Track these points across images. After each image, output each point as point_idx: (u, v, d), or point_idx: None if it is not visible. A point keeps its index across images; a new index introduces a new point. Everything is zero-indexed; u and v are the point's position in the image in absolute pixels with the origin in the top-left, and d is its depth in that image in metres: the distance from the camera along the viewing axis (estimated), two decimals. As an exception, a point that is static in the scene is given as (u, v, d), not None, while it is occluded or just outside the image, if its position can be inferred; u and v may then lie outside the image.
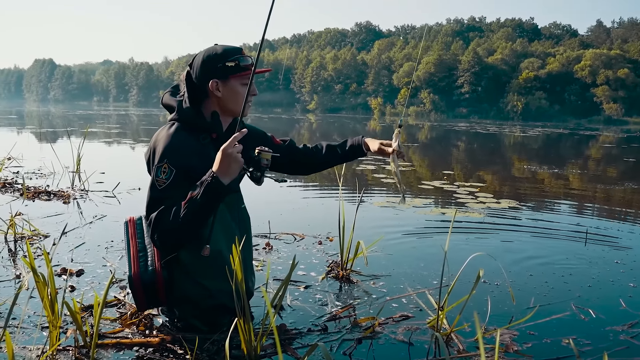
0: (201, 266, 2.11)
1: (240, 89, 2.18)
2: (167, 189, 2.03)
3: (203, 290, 2.13)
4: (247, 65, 2.17)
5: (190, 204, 1.96)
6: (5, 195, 5.40)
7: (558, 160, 13.41)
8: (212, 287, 2.13)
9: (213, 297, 2.15)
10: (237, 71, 2.14)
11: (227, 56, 2.15)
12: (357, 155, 2.63)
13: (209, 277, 2.13)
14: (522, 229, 4.72)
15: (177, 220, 1.97)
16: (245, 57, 2.19)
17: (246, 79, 2.16)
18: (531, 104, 54.82)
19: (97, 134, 16.63)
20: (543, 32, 75.80)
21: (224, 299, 2.13)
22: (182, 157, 2.06)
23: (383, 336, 2.33)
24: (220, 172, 1.97)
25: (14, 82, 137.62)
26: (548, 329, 2.46)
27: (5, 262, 3.22)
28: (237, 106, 2.18)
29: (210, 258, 2.03)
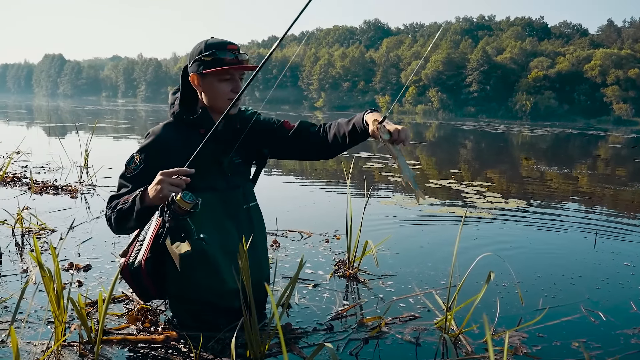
0: (188, 263, 2.10)
1: (218, 85, 2.14)
2: (130, 179, 2.13)
3: (188, 286, 2.14)
4: (224, 60, 2.10)
5: (122, 205, 2.04)
6: (13, 189, 5.42)
7: (567, 160, 13.31)
8: (198, 284, 2.13)
9: (199, 294, 2.15)
10: (213, 66, 2.10)
11: (206, 50, 2.12)
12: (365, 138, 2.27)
13: (195, 273, 2.12)
14: (531, 229, 4.68)
15: (113, 213, 2.07)
16: (225, 51, 2.11)
17: (225, 75, 2.12)
18: (540, 103, 54.45)
19: (105, 129, 16.69)
20: (553, 31, 75.23)
21: (209, 296, 2.14)
22: (156, 158, 2.11)
23: (390, 336, 2.31)
24: (150, 192, 1.96)
25: (24, 76, 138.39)
26: (557, 331, 2.43)
27: (13, 257, 3.22)
28: (217, 102, 2.18)
29: (196, 255, 2.03)
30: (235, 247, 2.14)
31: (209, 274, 2.13)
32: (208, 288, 2.14)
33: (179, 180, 1.93)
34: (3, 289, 2.67)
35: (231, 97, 2.14)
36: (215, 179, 2.20)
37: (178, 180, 1.93)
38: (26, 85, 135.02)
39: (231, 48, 2.12)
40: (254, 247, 2.12)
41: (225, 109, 2.14)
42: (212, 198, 2.18)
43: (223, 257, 2.15)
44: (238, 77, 2.17)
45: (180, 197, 1.88)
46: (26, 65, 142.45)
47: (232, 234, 2.20)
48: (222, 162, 2.19)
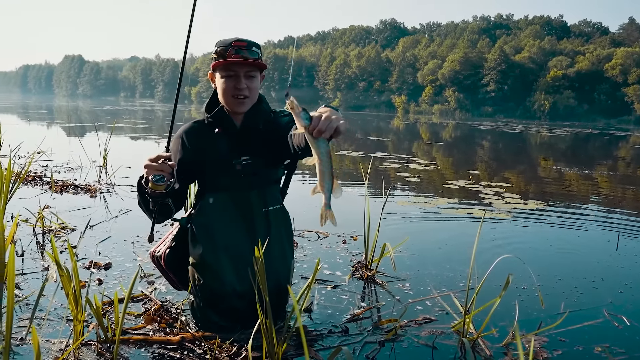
0: (196, 259, 2.19)
1: (222, 81, 2.13)
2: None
3: (194, 283, 2.21)
4: (225, 56, 2.09)
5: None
6: (34, 188, 5.50)
7: (587, 160, 13.11)
8: (200, 282, 2.18)
9: (203, 292, 2.19)
10: (216, 61, 2.11)
11: (216, 46, 2.14)
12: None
13: (198, 272, 2.19)
14: (550, 231, 4.61)
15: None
16: (228, 48, 2.08)
17: (227, 71, 2.10)
18: (559, 103, 53.68)
19: (123, 129, 16.86)
20: (572, 29, 74.13)
21: (209, 295, 2.17)
22: (175, 151, 2.21)
23: (406, 339, 2.28)
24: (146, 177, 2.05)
25: (44, 77, 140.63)
26: (579, 335, 2.38)
27: (34, 255, 3.27)
28: (224, 99, 2.17)
29: (203, 253, 2.15)
30: (242, 249, 2.15)
31: (209, 273, 2.16)
32: (208, 287, 2.17)
33: (162, 165, 2.00)
34: (25, 287, 2.71)
35: (235, 95, 2.11)
36: (228, 179, 2.19)
37: (161, 165, 2.00)
38: (46, 85, 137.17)
39: (236, 45, 2.09)
40: (267, 252, 2.09)
41: (233, 107, 2.15)
42: (224, 198, 2.19)
43: (226, 258, 2.16)
44: (243, 75, 2.10)
45: (151, 179, 1.99)
46: (47, 67, 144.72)
47: (241, 236, 2.19)
48: (233, 163, 2.17)
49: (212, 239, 2.17)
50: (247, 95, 2.13)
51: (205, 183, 2.24)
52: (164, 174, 1.99)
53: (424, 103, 61.52)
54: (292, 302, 2.35)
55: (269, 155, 2.21)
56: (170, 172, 2.02)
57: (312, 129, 1.63)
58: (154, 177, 1.98)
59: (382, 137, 18.11)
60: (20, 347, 2.06)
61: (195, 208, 2.25)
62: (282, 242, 2.29)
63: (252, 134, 2.19)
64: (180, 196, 2.24)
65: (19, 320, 2.29)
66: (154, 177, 1.98)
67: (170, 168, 2.01)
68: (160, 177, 1.98)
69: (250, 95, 2.15)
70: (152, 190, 2.01)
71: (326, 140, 1.64)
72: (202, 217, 2.20)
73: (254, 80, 2.15)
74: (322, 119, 1.63)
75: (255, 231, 2.19)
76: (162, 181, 1.98)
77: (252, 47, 2.12)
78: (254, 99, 2.18)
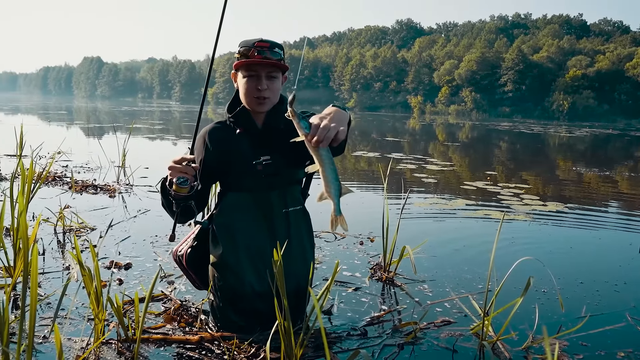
0: (217, 259, 2.20)
1: (243, 82, 2.14)
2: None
3: (214, 283, 2.22)
4: (247, 56, 2.10)
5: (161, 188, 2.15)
6: (54, 188, 5.59)
7: (607, 161, 12.90)
8: (221, 282, 2.19)
9: (223, 292, 2.19)
10: (240, 59, 2.13)
11: (239, 47, 2.15)
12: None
13: (218, 271, 2.20)
14: (570, 233, 4.55)
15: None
16: (251, 48, 2.09)
17: (249, 71, 2.12)
18: (578, 103, 52.92)
19: (141, 129, 17.04)
20: (592, 28, 73.06)
21: (229, 295, 2.18)
22: (198, 152, 2.22)
23: (425, 342, 2.27)
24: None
25: (64, 79, 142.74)
26: (601, 340, 2.35)
27: (55, 254, 3.32)
28: (246, 100, 2.18)
29: (224, 253, 2.16)
30: (263, 250, 2.16)
31: (229, 273, 2.16)
32: (228, 287, 2.17)
33: (186, 167, 2.01)
34: (46, 286, 2.75)
35: (257, 95, 2.12)
36: (250, 180, 2.19)
37: (185, 167, 2.00)
38: (66, 87, 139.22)
39: (259, 45, 2.10)
40: (287, 253, 2.09)
41: (253, 107, 2.16)
42: (246, 198, 2.20)
43: (246, 258, 2.17)
44: (264, 75, 2.11)
45: (175, 182, 1.99)
46: (66, 68, 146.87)
47: (262, 236, 2.19)
48: (254, 163, 2.17)
49: (233, 239, 2.18)
50: (268, 96, 2.13)
51: (227, 183, 2.26)
52: (187, 177, 2.00)
53: (440, 103, 61.12)
54: (311, 304, 2.36)
55: (290, 156, 2.18)
56: (193, 174, 2.03)
57: (310, 138, 1.66)
58: (178, 179, 1.99)
59: (398, 138, 18.04)
60: (42, 345, 2.10)
61: (216, 208, 2.27)
62: (302, 243, 2.28)
63: (274, 134, 2.19)
64: (203, 196, 2.27)
65: (41, 319, 2.32)
66: (178, 179, 1.99)
67: (193, 170, 2.03)
68: (184, 180, 1.99)
69: (271, 97, 2.15)
70: (176, 193, 2.02)
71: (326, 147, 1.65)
72: (223, 217, 2.21)
73: (276, 81, 2.16)
74: (320, 127, 1.67)
75: (275, 232, 2.20)
76: (186, 184, 2.00)
77: (275, 47, 2.13)
78: (274, 100, 2.18)
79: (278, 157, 2.19)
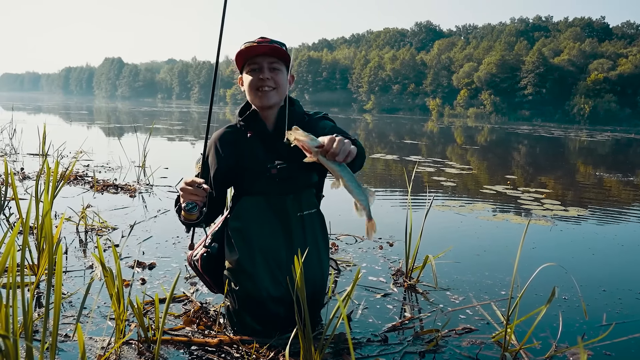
0: (232, 264, 2.21)
1: (247, 77, 2.16)
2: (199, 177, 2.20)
3: (230, 289, 2.22)
4: (249, 46, 2.12)
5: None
6: (76, 187, 5.67)
7: (630, 167, 12.66)
8: (237, 288, 2.18)
9: (239, 298, 2.19)
10: (242, 55, 2.14)
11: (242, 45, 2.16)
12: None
13: (235, 277, 2.20)
14: (593, 239, 4.47)
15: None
16: (251, 43, 2.12)
17: (252, 65, 2.14)
18: (599, 107, 52.09)
19: (160, 130, 17.21)
20: (615, 31, 71.90)
21: (247, 300, 2.17)
22: (211, 158, 2.23)
23: (447, 350, 2.24)
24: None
25: (85, 79, 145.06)
26: (625, 349, 2.30)
27: (77, 253, 3.36)
28: (250, 97, 2.19)
29: (240, 258, 2.16)
30: (278, 255, 2.16)
31: (246, 278, 2.16)
32: (244, 292, 2.16)
33: (197, 190, 2.03)
34: (69, 285, 2.78)
35: (259, 87, 2.13)
36: (264, 184, 2.19)
37: (195, 189, 2.03)
38: (87, 87, 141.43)
39: (259, 40, 2.14)
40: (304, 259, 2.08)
41: (259, 102, 2.16)
42: (262, 203, 2.19)
43: (262, 262, 2.16)
44: (267, 66, 2.13)
45: (184, 207, 2.04)
46: (87, 69, 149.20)
47: (278, 241, 2.19)
48: (268, 167, 2.17)
49: (248, 243, 2.18)
50: (272, 86, 2.13)
51: (241, 187, 2.26)
52: (197, 202, 2.04)
53: (459, 106, 60.67)
54: (330, 309, 2.35)
55: (303, 159, 2.20)
56: (204, 196, 2.06)
57: (325, 152, 1.67)
58: (187, 205, 2.03)
59: (416, 141, 17.94)
60: (64, 344, 2.12)
61: (231, 212, 2.27)
62: (317, 247, 2.27)
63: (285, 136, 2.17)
64: (219, 203, 2.28)
65: (63, 318, 2.35)
66: (187, 205, 2.03)
67: (204, 192, 2.05)
68: (193, 206, 2.03)
69: (276, 88, 2.14)
70: (185, 218, 2.09)
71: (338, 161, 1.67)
72: (238, 222, 2.21)
73: (279, 73, 2.16)
74: (336, 140, 1.68)
75: (291, 235, 2.19)
76: (195, 210, 2.04)
77: (276, 42, 2.16)
78: (280, 94, 2.16)
79: (291, 160, 2.17)
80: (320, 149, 1.65)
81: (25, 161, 7.45)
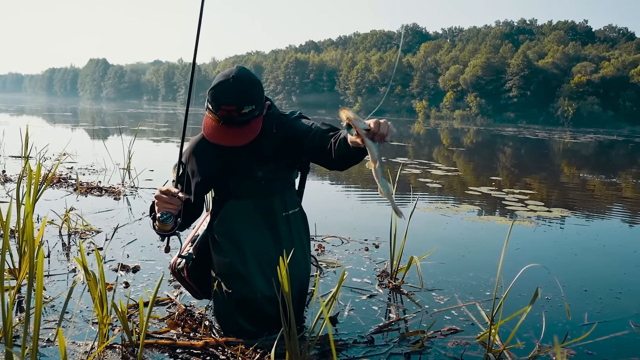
0: (221, 270, 2.20)
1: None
2: (177, 183, 2.16)
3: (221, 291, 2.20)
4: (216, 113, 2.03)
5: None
6: (59, 190, 5.60)
7: (612, 168, 12.84)
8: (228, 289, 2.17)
9: (230, 299, 2.18)
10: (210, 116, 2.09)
11: (210, 97, 2.05)
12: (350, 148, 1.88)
13: (225, 279, 2.19)
14: (575, 240, 4.52)
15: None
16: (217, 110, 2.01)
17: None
18: (583, 109, 52.78)
19: (146, 132, 17.08)
20: (597, 35, 72.92)
21: (238, 302, 2.17)
22: (191, 163, 2.19)
23: (432, 351, 2.25)
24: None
25: (69, 80, 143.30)
26: (607, 348, 2.33)
27: (60, 256, 3.32)
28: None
29: (227, 262, 2.16)
30: (269, 256, 2.16)
31: (239, 280, 2.16)
32: (238, 294, 2.16)
33: (171, 199, 2.00)
34: (51, 289, 2.75)
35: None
36: (249, 187, 2.18)
37: (170, 198, 2.00)
38: (71, 88, 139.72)
39: (225, 109, 1.99)
40: (291, 257, 2.07)
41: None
42: (248, 206, 2.19)
43: (254, 264, 2.16)
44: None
45: (158, 217, 2.02)
46: (72, 70, 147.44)
47: (268, 242, 2.20)
48: (252, 169, 2.17)
49: (238, 246, 2.17)
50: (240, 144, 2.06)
51: (225, 191, 2.24)
52: (171, 211, 2.01)
53: (445, 108, 61.09)
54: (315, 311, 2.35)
55: (286, 159, 2.21)
56: (179, 205, 2.03)
57: (373, 134, 1.68)
58: (162, 216, 2.00)
59: (403, 142, 18.01)
60: (46, 349, 2.09)
61: (216, 217, 2.25)
62: (302, 244, 2.31)
63: (267, 139, 2.15)
64: (197, 209, 2.25)
65: (45, 322, 2.32)
66: (162, 216, 2.00)
67: (179, 201, 2.02)
68: (168, 217, 2.01)
69: (251, 137, 2.06)
70: (159, 228, 2.05)
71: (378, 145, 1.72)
72: (225, 225, 2.20)
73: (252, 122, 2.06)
74: (381, 123, 1.69)
75: (279, 235, 2.21)
76: (169, 220, 2.01)
77: (243, 106, 2.00)
78: (256, 132, 2.08)
79: (275, 161, 2.18)
80: (369, 132, 1.67)
81: (7, 163, 7.35)
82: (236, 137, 2.04)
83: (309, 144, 2.07)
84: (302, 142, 2.10)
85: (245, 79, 2.01)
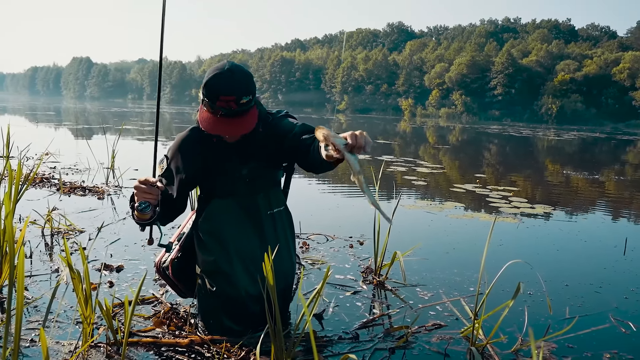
0: (205, 268, 2.20)
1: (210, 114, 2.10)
2: (161, 178, 2.16)
3: (205, 289, 2.20)
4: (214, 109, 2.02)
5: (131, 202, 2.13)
6: (42, 190, 5.54)
7: (594, 165, 13.03)
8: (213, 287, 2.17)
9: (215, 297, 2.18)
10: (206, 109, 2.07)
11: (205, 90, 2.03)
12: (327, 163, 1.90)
13: (210, 277, 2.19)
14: (558, 236, 4.59)
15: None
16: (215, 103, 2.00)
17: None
18: (566, 107, 53.51)
19: (130, 131, 16.94)
20: (580, 33, 73.89)
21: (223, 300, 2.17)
22: (176, 160, 2.17)
23: (417, 346, 2.27)
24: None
25: (52, 79, 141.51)
26: (587, 341, 2.37)
27: (43, 257, 3.29)
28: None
29: (211, 260, 2.17)
30: (254, 254, 2.16)
31: (223, 279, 2.16)
32: (222, 293, 2.16)
33: (150, 189, 2.01)
34: (33, 289, 2.72)
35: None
36: (234, 185, 2.19)
37: (149, 188, 2.01)
38: (55, 87, 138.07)
39: (224, 100, 1.98)
40: (276, 254, 2.08)
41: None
42: (233, 204, 2.20)
43: (239, 263, 2.17)
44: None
45: (136, 207, 2.02)
46: (55, 68, 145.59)
47: (252, 240, 2.20)
48: (237, 168, 2.17)
49: (223, 244, 2.17)
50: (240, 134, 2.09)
51: (210, 189, 2.24)
52: (150, 201, 2.02)
53: (431, 106, 61.49)
54: (301, 307, 2.36)
55: (271, 158, 2.22)
56: (157, 194, 2.03)
57: (351, 147, 1.69)
58: (140, 205, 2.01)
59: (389, 140, 18.09)
60: (30, 349, 2.08)
61: (200, 215, 2.25)
62: (287, 242, 2.32)
63: (253, 137, 2.16)
64: (179, 204, 2.23)
65: (28, 323, 2.30)
66: (140, 205, 2.01)
67: (158, 191, 2.03)
68: (146, 206, 2.01)
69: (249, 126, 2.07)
70: (138, 217, 2.05)
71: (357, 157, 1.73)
72: (209, 224, 2.20)
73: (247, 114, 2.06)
74: (357, 135, 1.70)
75: (263, 233, 2.21)
76: (148, 209, 2.02)
77: (242, 97, 2.00)
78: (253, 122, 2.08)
79: (260, 160, 2.19)
80: (347, 146, 1.69)
81: (-11, 163, 7.24)
82: (236, 127, 2.04)
83: (288, 143, 2.10)
84: (283, 142, 2.12)
85: (240, 70, 2.03)
